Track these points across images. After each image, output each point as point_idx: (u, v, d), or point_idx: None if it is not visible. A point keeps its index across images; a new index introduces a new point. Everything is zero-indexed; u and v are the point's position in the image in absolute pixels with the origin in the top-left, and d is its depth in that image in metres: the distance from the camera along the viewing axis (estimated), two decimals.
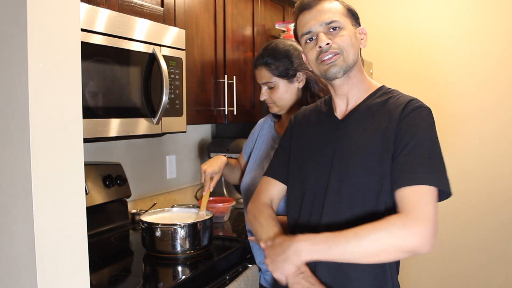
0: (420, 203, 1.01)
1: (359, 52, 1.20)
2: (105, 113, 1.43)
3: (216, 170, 1.67)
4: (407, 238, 0.99)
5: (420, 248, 0.99)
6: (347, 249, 1.01)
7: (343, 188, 1.13)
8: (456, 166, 2.97)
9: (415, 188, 1.02)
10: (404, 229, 0.99)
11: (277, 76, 1.59)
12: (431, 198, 1.02)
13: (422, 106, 1.12)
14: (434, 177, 1.03)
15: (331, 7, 1.17)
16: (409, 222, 0.99)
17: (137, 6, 1.60)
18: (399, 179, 1.05)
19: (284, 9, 2.72)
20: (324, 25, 1.16)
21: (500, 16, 2.85)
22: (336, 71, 1.16)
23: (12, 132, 0.87)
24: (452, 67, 2.98)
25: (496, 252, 2.91)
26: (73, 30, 0.94)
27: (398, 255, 1.02)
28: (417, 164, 1.04)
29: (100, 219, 1.91)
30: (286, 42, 1.64)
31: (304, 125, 1.32)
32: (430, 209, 1.00)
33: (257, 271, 1.68)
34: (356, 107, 1.20)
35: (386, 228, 1.00)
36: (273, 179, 1.32)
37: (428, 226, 0.99)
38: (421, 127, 1.08)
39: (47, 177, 0.88)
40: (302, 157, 1.26)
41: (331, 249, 1.03)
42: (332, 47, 1.15)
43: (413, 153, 1.05)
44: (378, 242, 0.99)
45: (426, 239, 0.98)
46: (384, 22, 3.12)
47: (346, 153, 1.15)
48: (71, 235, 0.94)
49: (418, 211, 1.00)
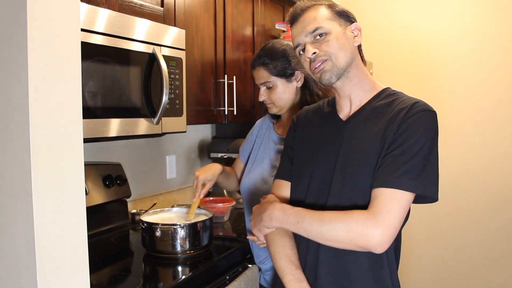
0: (388, 208, 1.03)
1: (352, 51, 1.18)
2: (105, 113, 1.43)
3: (209, 177, 1.67)
4: (364, 237, 1.03)
5: (373, 249, 1.04)
6: (309, 229, 1.09)
7: (346, 189, 1.13)
8: (456, 166, 2.97)
9: (389, 191, 1.04)
10: (363, 227, 1.03)
11: (275, 76, 1.59)
12: (401, 204, 1.04)
13: (426, 109, 1.11)
14: (414, 183, 1.04)
15: (315, 15, 1.18)
16: (370, 223, 1.02)
17: (137, 6, 1.60)
18: (378, 179, 1.06)
19: (284, 9, 2.72)
20: (309, 35, 1.17)
21: (500, 16, 2.85)
22: (328, 77, 1.16)
23: (12, 132, 0.87)
24: (452, 67, 2.98)
25: (496, 252, 2.91)
26: (73, 30, 0.94)
27: (352, 247, 1.07)
28: (400, 168, 1.04)
29: (100, 219, 1.91)
30: (283, 42, 1.64)
31: (307, 125, 1.31)
32: (395, 215, 1.03)
33: (257, 271, 1.68)
34: (360, 109, 1.20)
35: (348, 220, 1.05)
36: (284, 181, 1.32)
37: (386, 231, 1.02)
38: (419, 131, 1.07)
39: (47, 177, 0.88)
40: (305, 157, 1.26)
41: (297, 224, 1.11)
42: (319, 55, 1.15)
43: (400, 156, 1.06)
44: (335, 230, 1.05)
45: (381, 243, 1.02)
46: (384, 22, 3.12)
47: (349, 154, 1.15)
48: (71, 235, 0.94)
49: (382, 215, 1.02)
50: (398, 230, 1.05)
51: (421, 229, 3.02)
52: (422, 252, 3.06)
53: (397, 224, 1.04)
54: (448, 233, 3.00)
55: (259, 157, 1.71)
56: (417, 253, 3.05)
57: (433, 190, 1.07)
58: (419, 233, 3.03)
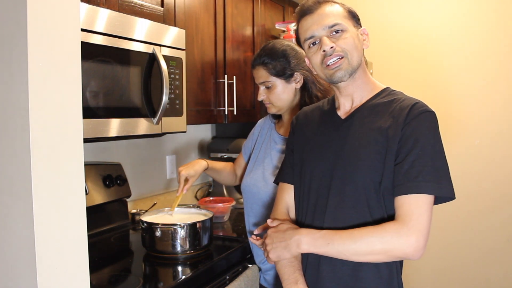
0: (416, 213, 1.04)
1: (362, 53, 1.20)
2: (105, 113, 1.43)
3: (192, 173, 1.73)
4: (399, 246, 1.04)
5: (411, 257, 1.05)
6: (341, 248, 1.08)
7: (347, 187, 1.14)
8: (456, 166, 2.96)
9: (413, 197, 1.05)
10: (397, 238, 1.04)
11: (275, 76, 1.59)
12: (427, 207, 1.06)
13: (427, 110, 1.12)
14: (435, 185, 1.05)
15: (332, 10, 1.17)
16: (403, 232, 1.04)
17: (137, 6, 1.60)
18: (400, 187, 1.07)
19: (284, 9, 2.72)
20: (327, 28, 1.16)
21: (500, 16, 2.85)
22: (342, 75, 1.16)
23: (12, 132, 0.87)
24: (452, 67, 2.98)
25: (496, 252, 2.91)
26: (73, 30, 0.94)
27: (388, 259, 1.09)
28: (419, 172, 1.06)
29: (100, 219, 1.91)
30: (284, 42, 1.65)
31: (306, 125, 1.32)
32: (425, 220, 1.05)
33: (257, 271, 1.68)
34: (359, 107, 1.21)
35: (381, 233, 1.05)
36: (286, 184, 1.33)
37: (420, 237, 1.04)
38: (425, 133, 1.09)
39: (47, 177, 0.88)
40: (305, 156, 1.27)
41: (328, 246, 1.10)
42: (336, 51, 1.15)
43: (416, 160, 1.06)
44: (369, 244, 1.05)
45: (417, 249, 1.04)
46: (384, 22, 3.12)
47: (349, 152, 1.15)
48: (71, 235, 0.93)
49: (413, 221, 1.04)
50: (429, 233, 1.06)
51: None
52: None
53: (429, 227, 1.06)
54: (448, 233, 3.00)
55: (261, 156, 1.71)
56: None
57: (452, 190, 1.08)
58: None
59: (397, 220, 1.06)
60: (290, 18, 2.75)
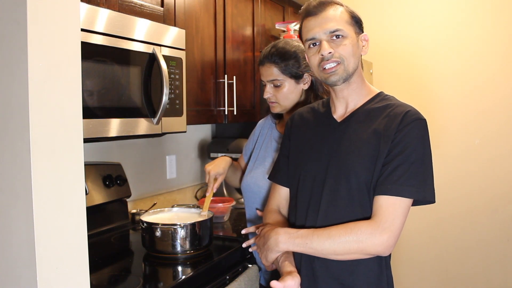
0: (391, 215, 1.10)
1: (359, 59, 1.23)
2: (105, 113, 1.43)
3: (221, 171, 1.69)
4: (373, 246, 1.10)
5: (381, 254, 1.13)
6: (320, 248, 1.13)
7: (340, 187, 1.17)
8: (456, 166, 2.97)
9: (391, 199, 1.11)
10: (371, 237, 1.10)
11: (286, 75, 1.59)
12: (403, 210, 1.11)
13: (419, 118, 1.16)
14: (413, 190, 1.10)
15: (336, 14, 1.18)
16: (378, 232, 1.10)
17: (137, 6, 1.60)
18: (380, 187, 1.12)
19: (284, 9, 2.72)
20: (328, 33, 1.18)
21: (499, 17, 2.85)
22: (336, 80, 1.19)
23: (12, 132, 0.87)
24: (452, 67, 2.98)
25: (496, 252, 2.91)
26: (73, 30, 0.94)
27: (362, 256, 1.14)
28: (399, 177, 1.10)
29: (100, 219, 1.91)
30: (294, 43, 1.63)
31: (301, 126, 1.35)
32: (399, 222, 1.11)
33: (257, 271, 1.68)
34: (355, 111, 1.24)
35: (356, 233, 1.11)
36: (277, 184, 1.38)
37: (391, 237, 1.10)
38: (414, 140, 1.13)
39: (47, 177, 0.88)
40: (300, 157, 1.29)
41: (306, 245, 1.15)
42: (334, 56, 1.17)
43: (400, 166, 1.11)
44: (346, 244, 1.11)
45: (387, 247, 1.11)
46: (384, 22, 3.12)
47: (344, 154, 1.19)
48: (71, 235, 0.93)
49: (388, 223, 1.10)
50: (400, 233, 1.12)
51: (421, 230, 3.02)
52: (422, 252, 3.05)
53: (401, 229, 1.12)
54: (448, 233, 3.00)
55: (261, 156, 1.71)
56: (417, 253, 3.05)
57: (431, 194, 1.13)
58: (419, 234, 3.03)
59: (373, 219, 1.12)
60: (290, 18, 2.75)
